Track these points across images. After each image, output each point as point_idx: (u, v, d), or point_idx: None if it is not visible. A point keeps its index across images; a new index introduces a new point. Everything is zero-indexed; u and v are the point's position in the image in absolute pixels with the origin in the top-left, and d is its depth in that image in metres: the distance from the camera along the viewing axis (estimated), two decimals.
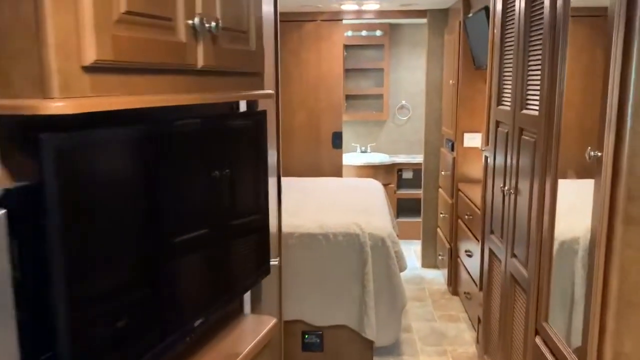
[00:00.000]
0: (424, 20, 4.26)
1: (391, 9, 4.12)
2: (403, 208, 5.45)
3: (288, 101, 4.36)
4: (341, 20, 4.25)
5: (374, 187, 3.72)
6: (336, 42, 4.28)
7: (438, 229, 4.32)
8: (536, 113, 1.70)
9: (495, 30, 2.55)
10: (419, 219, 4.93)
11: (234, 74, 1.37)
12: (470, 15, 3.27)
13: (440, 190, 4.24)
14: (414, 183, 5.44)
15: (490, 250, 2.27)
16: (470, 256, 3.28)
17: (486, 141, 2.79)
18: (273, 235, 2.02)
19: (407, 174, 5.43)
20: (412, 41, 5.34)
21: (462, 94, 3.56)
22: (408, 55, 5.39)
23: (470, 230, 3.30)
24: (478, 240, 3.02)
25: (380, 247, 2.61)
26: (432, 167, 4.34)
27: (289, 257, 2.56)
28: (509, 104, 2.03)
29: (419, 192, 5.13)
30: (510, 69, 2.03)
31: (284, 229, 2.53)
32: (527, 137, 1.80)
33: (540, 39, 1.68)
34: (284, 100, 4.36)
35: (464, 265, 3.48)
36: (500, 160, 2.15)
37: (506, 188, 1.99)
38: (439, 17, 4.10)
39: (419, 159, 5.20)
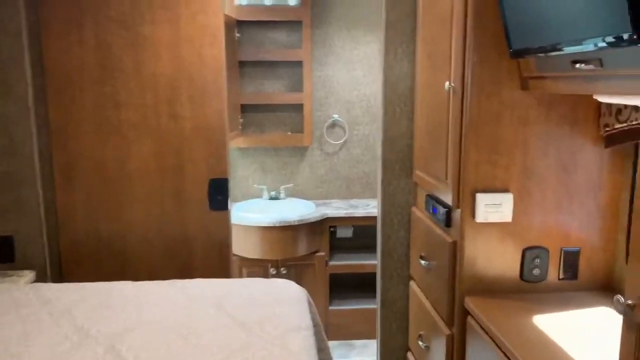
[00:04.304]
0: None
1: None
2: (340, 286, 3.60)
3: (112, 119, 2.37)
4: None
5: (286, 315, 1.80)
6: (210, 10, 2.34)
7: (410, 355, 2.49)
8: None
9: None
10: (369, 305, 3.14)
11: None
12: None
13: (412, 285, 2.42)
14: (357, 245, 3.62)
15: None
16: None
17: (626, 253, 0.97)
18: None
19: (345, 232, 3.59)
20: (352, 14, 3.51)
21: (477, 110, 1.75)
22: (345, 39, 3.55)
23: None
24: None
25: None
26: (394, 242, 2.52)
27: None
28: None
29: (366, 263, 3.34)
30: None
31: None
32: None
33: None
34: (100, 118, 2.35)
35: None
36: None
37: None
38: None
39: (362, 208, 3.39)
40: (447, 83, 1.85)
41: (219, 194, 2.45)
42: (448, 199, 1.92)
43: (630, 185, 1.77)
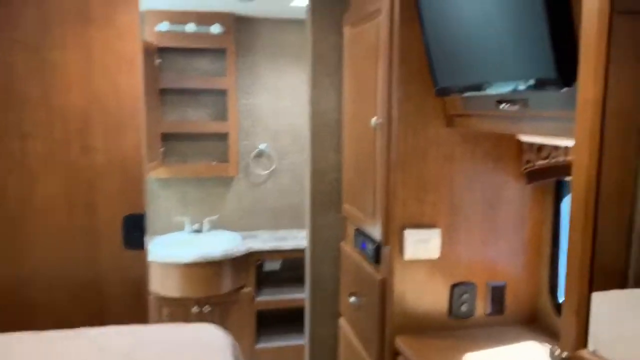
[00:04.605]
0: (302, 3, 2.44)
1: None
2: (268, 322, 3.48)
3: (16, 151, 2.17)
4: None
5: None
6: (126, 36, 2.22)
7: None
8: None
9: None
10: (299, 342, 3.07)
11: None
12: None
13: (342, 322, 2.36)
14: (285, 278, 3.54)
15: None
16: None
17: (549, 288, 0.96)
18: None
19: (272, 265, 3.50)
20: (278, 43, 3.48)
21: (404, 146, 1.74)
22: (271, 68, 3.51)
23: None
24: None
25: None
26: (324, 278, 2.46)
27: None
28: None
29: (295, 297, 3.26)
30: None
31: None
32: None
33: None
34: (1, 149, 2.15)
35: None
36: None
37: None
38: None
39: (290, 240, 3.33)
40: (373, 119, 1.83)
41: (135, 231, 2.29)
42: (377, 234, 1.89)
43: (551, 220, 1.82)
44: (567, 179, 1.66)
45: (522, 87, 1.18)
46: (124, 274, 2.30)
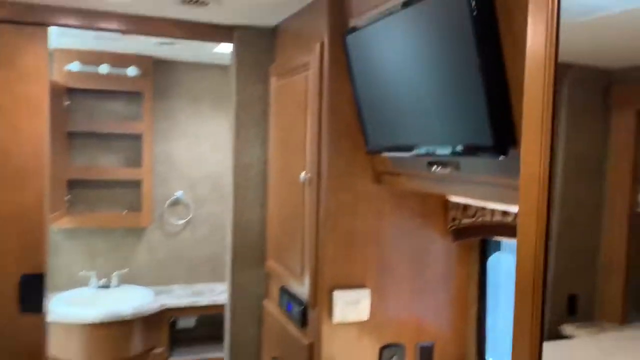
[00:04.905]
0: (226, 50, 2.39)
1: (152, 14, 2.12)
2: None
3: None
4: (44, 25, 2.05)
5: None
6: (31, 77, 2.05)
7: None
8: None
9: None
10: None
11: None
12: (369, 25, 1.46)
13: None
14: (201, 335, 3.33)
15: None
16: None
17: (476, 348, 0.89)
18: None
19: (187, 322, 3.29)
20: (198, 88, 3.39)
21: (334, 202, 1.69)
22: (190, 113, 3.39)
23: None
24: None
25: None
26: (244, 339, 2.33)
27: None
28: None
29: (212, 357, 3.07)
30: None
31: None
32: None
33: None
34: None
35: None
36: None
37: None
38: (258, 43, 2.25)
39: (207, 294, 3.17)
40: (302, 173, 1.78)
41: (32, 292, 2.05)
42: (304, 294, 1.81)
43: (476, 279, 1.83)
44: (494, 238, 1.69)
45: (452, 151, 1.18)
46: (19, 341, 2.05)
